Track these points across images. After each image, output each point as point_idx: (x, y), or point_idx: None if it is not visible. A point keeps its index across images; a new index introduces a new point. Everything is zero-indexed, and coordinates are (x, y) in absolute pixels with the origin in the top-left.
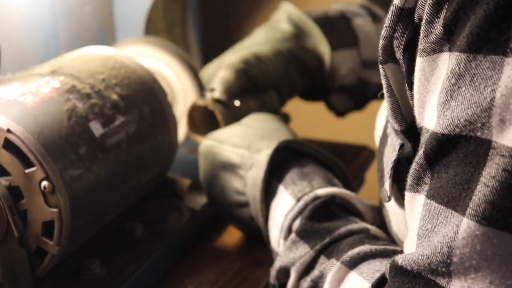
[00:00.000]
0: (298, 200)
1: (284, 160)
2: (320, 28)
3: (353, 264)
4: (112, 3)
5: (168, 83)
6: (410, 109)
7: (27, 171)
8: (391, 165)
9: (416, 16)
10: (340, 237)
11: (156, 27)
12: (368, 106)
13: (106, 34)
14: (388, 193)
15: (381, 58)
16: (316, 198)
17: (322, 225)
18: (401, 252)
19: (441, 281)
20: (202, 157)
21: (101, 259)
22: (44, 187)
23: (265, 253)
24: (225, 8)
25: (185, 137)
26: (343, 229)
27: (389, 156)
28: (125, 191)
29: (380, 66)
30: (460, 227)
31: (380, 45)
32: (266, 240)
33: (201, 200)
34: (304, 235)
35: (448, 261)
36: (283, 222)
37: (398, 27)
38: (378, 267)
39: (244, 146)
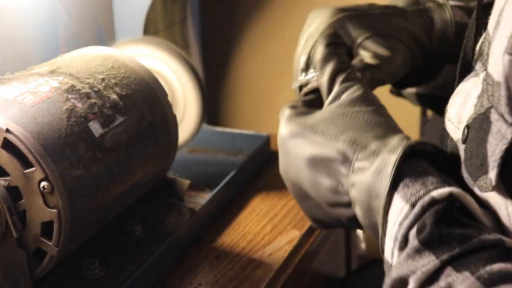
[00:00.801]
0: (413, 205)
1: None
2: None
3: (490, 282)
4: (112, 3)
5: (168, 83)
6: None
7: (26, 171)
8: (501, 153)
9: None
10: (472, 248)
11: (155, 26)
12: None
13: (106, 34)
14: (494, 182)
15: None
16: (433, 201)
17: (450, 233)
18: None
19: None
20: (284, 145)
21: (100, 259)
22: (43, 187)
23: (265, 254)
24: (225, 7)
25: (187, 142)
26: (476, 240)
27: (497, 143)
28: (125, 191)
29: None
30: None
31: None
32: (381, 249)
33: (201, 200)
34: (430, 244)
35: None
36: (398, 230)
37: None
38: None
39: (346, 139)
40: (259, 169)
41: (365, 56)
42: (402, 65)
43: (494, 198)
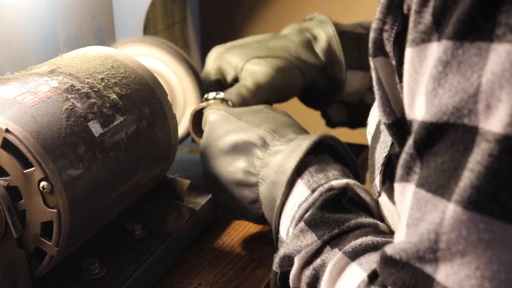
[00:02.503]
0: (313, 191)
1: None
2: (344, 43)
3: (354, 255)
4: (112, 2)
5: (168, 83)
6: (400, 102)
7: (25, 171)
8: (382, 161)
9: (405, 6)
10: (348, 229)
11: (155, 26)
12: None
13: (105, 34)
14: (378, 188)
15: (371, 51)
16: (331, 189)
17: (332, 216)
18: None
19: (428, 269)
20: (211, 125)
21: (100, 259)
22: (43, 187)
23: (265, 254)
24: (225, 7)
25: (184, 137)
26: (352, 222)
27: (381, 152)
28: (125, 191)
29: (371, 59)
30: (446, 213)
31: (370, 38)
32: (275, 228)
33: (201, 200)
34: (313, 224)
35: (435, 247)
36: (296, 211)
37: (388, 19)
38: (377, 259)
39: (267, 128)
40: None
41: (246, 79)
42: (286, 81)
43: (389, 205)
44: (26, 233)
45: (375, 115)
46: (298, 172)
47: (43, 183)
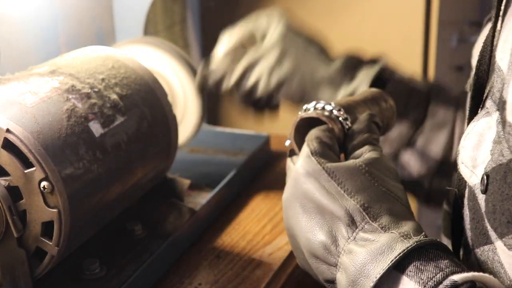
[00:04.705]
0: None
1: None
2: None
3: None
4: (112, 3)
5: (168, 83)
6: None
7: (26, 171)
8: None
9: None
10: None
11: (155, 27)
12: None
13: (106, 34)
14: None
15: None
16: (455, 285)
17: None
18: None
19: None
20: (295, 178)
21: (101, 259)
22: (44, 187)
23: (265, 254)
24: (225, 7)
25: (187, 141)
26: None
27: None
28: (125, 191)
29: None
30: None
31: None
32: None
33: (201, 200)
34: None
35: None
36: None
37: None
38: None
39: (359, 201)
40: (259, 169)
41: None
42: None
43: None
44: (27, 233)
45: (473, 143)
46: (398, 268)
47: (43, 183)
